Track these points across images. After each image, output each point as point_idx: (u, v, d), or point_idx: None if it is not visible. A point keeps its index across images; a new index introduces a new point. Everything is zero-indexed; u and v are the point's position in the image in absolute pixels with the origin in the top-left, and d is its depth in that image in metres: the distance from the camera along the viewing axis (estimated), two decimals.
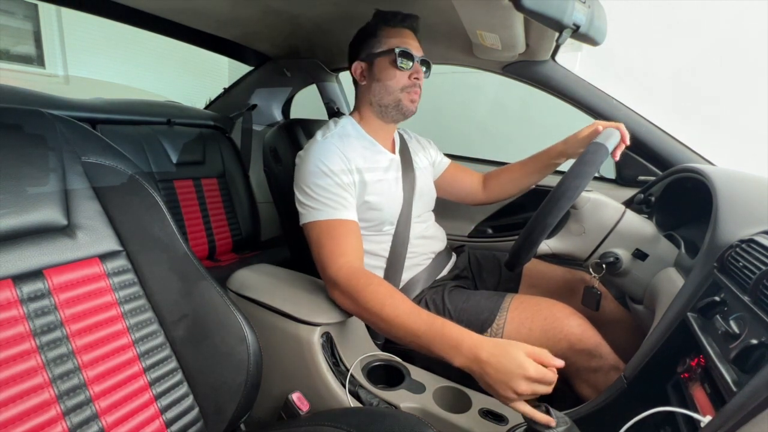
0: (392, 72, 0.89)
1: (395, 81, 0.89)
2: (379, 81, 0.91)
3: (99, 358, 0.53)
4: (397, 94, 0.90)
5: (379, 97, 0.92)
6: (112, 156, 0.61)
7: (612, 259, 0.82)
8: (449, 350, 0.62)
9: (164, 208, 0.63)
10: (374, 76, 0.91)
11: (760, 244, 0.51)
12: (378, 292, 0.71)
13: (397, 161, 0.98)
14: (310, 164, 0.84)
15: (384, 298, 0.70)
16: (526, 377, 0.54)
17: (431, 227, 1.05)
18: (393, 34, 0.90)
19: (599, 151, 0.74)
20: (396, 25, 0.90)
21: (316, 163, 0.83)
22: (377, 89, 0.91)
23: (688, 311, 0.56)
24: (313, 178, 0.83)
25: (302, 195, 0.84)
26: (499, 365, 0.56)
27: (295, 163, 0.90)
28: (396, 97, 0.90)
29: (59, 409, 0.48)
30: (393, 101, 0.91)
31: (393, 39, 0.89)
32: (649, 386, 0.58)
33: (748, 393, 0.37)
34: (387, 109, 0.92)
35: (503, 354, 0.57)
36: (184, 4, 1.09)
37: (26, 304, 0.48)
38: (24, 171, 0.51)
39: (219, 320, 0.62)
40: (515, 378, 0.54)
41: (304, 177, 0.84)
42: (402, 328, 0.67)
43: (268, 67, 1.59)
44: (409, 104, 0.92)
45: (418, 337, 0.65)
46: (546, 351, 0.57)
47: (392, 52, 0.87)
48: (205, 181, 1.53)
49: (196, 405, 0.61)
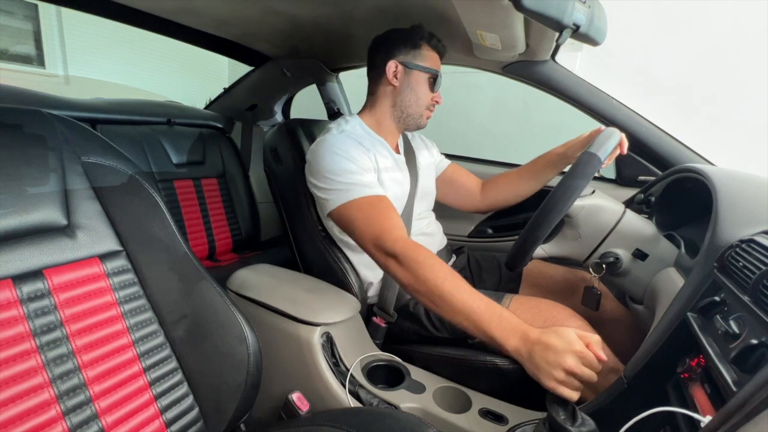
0: (426, 89, 0.96)
1: (425, 97, 0.96)
2: (412, 90, 0.95)
3: (99, 358, 0.53)
4: (422, 109, 0.97)
5: (407, 104, 0.96)
6: (112, 156, 0.61)
7: (612, 259, 0.82)
8: (505, 332, 0.62)
9: (164, 208, 0.63)
10: (410, 84, 0.95)
11: (760, 244, 0.51)
12: (439, 266, 0.70)
13: (403, 161, 1.00)
14: (327, 154, 0.85)
15: (445, 273, 0.69)
16: (573, 352, 0.55)
17: (432, 224, 1.06)
18: (432, 56, 0.96)
19: (591, 162, 0.73)
20: (435, 48, 0.97)
21: (334, 151, 0.84)
22: (408, 96, 0.96)
23: (688, 311, 0.56)
24: (334, 165, 0.83)
25: (326, 183, 0.84)
26: (549, 341, 0.57)
27: (307, 159, 0.90)
28: (420, 111, 0.97)
29: (59, 409, 0.48)
30: (416, 113, 0.97)
31: (433, 60, 0.96)
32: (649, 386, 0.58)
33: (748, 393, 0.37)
34: (409, 117, 0.98)
35: (553, 332, 0.58)
36: (184, 4, 1.09)
37: (26, 304, 0.48)
38: (24, 171, 0.51)
39: (219, 320, 0.62)
40: (563, 353, 0.55)
41: (323, 167, 0.84)
42: (460, 304, 0.66)
43: (268, 67, 1.59)
44: (425, 121, 1.00)
45: (476, 315, 0.64)
46: (597, 336, 0.58)
47: (434, 73, 0.95)
48: (205, 181, 1.53)
49: (196, 405, 0.61)
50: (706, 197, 0.70)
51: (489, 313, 0.64)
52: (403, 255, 0.72)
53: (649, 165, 1.15)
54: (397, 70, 0.94)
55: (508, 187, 1.09)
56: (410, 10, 0.97)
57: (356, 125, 0.96)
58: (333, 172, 0.83)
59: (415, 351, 0.88)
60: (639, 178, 1.17)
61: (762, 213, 0.62)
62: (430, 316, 0.89)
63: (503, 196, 1.10)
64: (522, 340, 0.60)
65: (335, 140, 0.87)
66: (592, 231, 0.85)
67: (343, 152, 0.84)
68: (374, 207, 0.80)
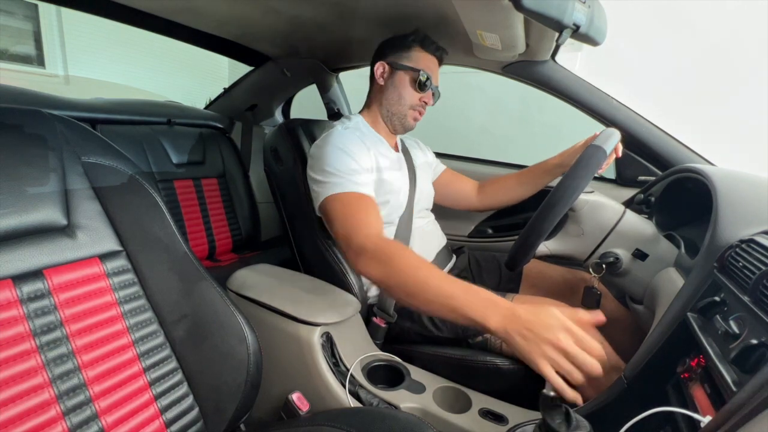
0: (410, 88, 0.96)
1: (409, 97, 0.96)
2: (395, 89, 0.96)
3: (99, 358, 0.53)
4: (405, 109, 0.97)
5: (391, 102, 0.98)
6: (112, 156, 0.61)
7: (612, 259, 0.82)
8: (486, 309, 0.58)
9: (164, 208, 0.63)
10: (393, 83, 0.96)
11: (760, 244, 0.51)
12: (412, 257, 0.70)
13: (402, 159, 1.02)
14: (329, 148, 0.85)
15: (418, 262, 0.68)
16: (565, 328, 0.51)
17: (431, 224, 1.08)
18: (424, 57, 0.96)
19: (596, 155, 0.74)
20: (428, 51, 0.97)
21: (336, 145, 0.86)
22: (391, 95, 0.97)
23: (688, 311, 0.56)
24: (333, 158, 0.84)
25: (321, 175, 0.85)
26: (537, 319, 0.53)
27: (310, 154, 0.91)
28: (404, 111, 0.97)
29: (59, 409, 0.48)
30: (400, 112, 0.98)
31: (422, 61, 0.96)
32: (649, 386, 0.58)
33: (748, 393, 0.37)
34: (394, 116, 0.98)
35: (540, 309, 0.55)
36: (184, 4, 1.09)
37: (26, 304, 0.48)
38: (24, 171, 0.51)
39: (219, 320, 0.62)
40: (554, 329, 0.51)
41: (324, 161, 0.85)
42: (437, 290, 0.63)
43: (268, 67, 1.59)
44: (411, 122, 0.99)
45: (453, 299, 0.61)
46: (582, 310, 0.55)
47: (417, 72, 0.94)
48: (205, 181, 1.53)
49: (196, 405, 0.61)
50: (706, 197, 0.70)
51: (468, 294, 0.61)
52: (375, 250, 0.71)
53: (648, 165, 1.15)
54: (384, 70, 0.97)
55: (504, 190, 1.12)
56: (410, 10, 0.97)
57: (359, 122, 0.98)
58: (332, 165, 0.83)
59: (415, 351, 0.88)
60: (639, 178, 1.17)
61: (762, 213, 0.62)
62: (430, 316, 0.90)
63: (499, 199, 1.13)
64: (507, 316, 0.56)
65: (340, 136, 0.88)
66: (595, 228, 0.85)
67: (346, 148, 0.85)
68: (354, 204, 0.80)
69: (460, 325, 0.85)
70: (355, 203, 0.80)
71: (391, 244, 0.73)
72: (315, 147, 0.90)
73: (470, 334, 0.84)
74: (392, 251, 0.70)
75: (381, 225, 0.81)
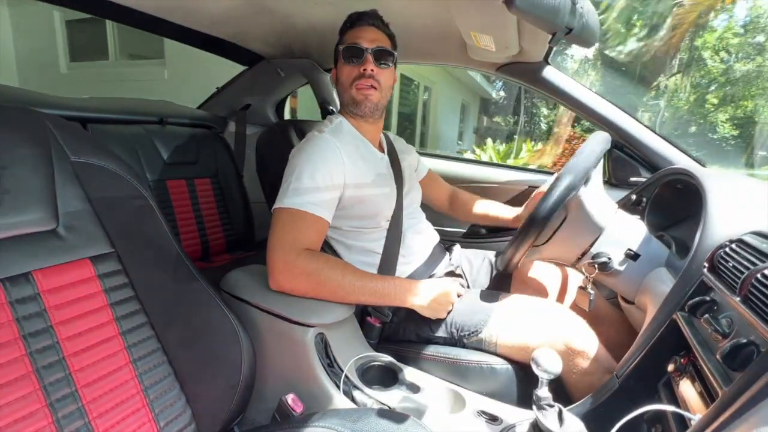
0: (343, 69, 0.91)
1: (345, 77, 0.91)
2: (338, 81, 0.94)
3: (91, 363, 0.52)
4: (349, 90, 0.91)
5: (340, 96, 0.95)
6: (102, 156, 0.60)
7: (604, 259, 0.82)
8: (405, 294, 0.81)
9: (156, 208, 0.62)
10: (337, 65, 0.94)
11: (748, 244, 0.52)
12: (337, 264, 0.79)
13: (387, 160, 1.00)
14: (302, 156, 0.84)
15: (343, 269, 0.79)
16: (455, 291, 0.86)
17: (422, 222, 1.06)
18: (351, 34, 0.91)
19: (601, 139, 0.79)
20: (354, 26, 0.91)
21: (310, 154, 0.84)
22: (339, 89, 0.95)
23: (678, 311, 0.57)
24: (300, 169, 0.82)
25: (285, 182, 0.83)
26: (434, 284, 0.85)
27: (290, 155, 0.89)
28: (349, 92, 0.91)
29: (50, 417, 0.47)
30: (348, 98, 0.92)
31: (349, 38, 0.90)
32: (641, 385, 0.59)
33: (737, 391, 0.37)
34: (348, 106, 0.94)
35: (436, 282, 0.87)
36: (177, 3, 1.08)
37: (14, 307, 0.47)
38: (11, 171, 0.50)
39: (212, 322, 0.61)
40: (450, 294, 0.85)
41: (291, 166, 0.84)
42: (363, 289, 0.78)
43: (262, 67, 1.58)
44: (361, 97, 0.90)
45: (379, 294, 0.79)
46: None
47: (339, 50, 0.91)
48: (198, 180, 1.51)
49: (189, 408, 0.60)
50: (697, 198, 0.71)
51: (389, 287, 0.80)
52: (306, 264, 0.76)
53: (640, 167, 1.16)
54: (334, 74, 0.96)
55: (466, 212, 1.21)
56: (403, 11, 0.97)
57: (342, 123, 0.94)
58: (296, 176, 0.81)
59: (410, 351, 0.88)
60: (630, 179, 1.18)
61: (751, 213, 0.63)
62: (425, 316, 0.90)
63: (465, 216, 1.23)
64: (416, 294, 0.81)
65: (315, 145, 0.85)
66: (585, 232, 0.86)
67: (317, 160, 0.82)
68: (302, 222, 0.79)
69: (454, 326, 0.85)
70: (305, 222, 0.80)
71: (319, 257, 0.79)
72: (294, 150, 0.88)
73: (465, 335, 0.84)
74: (320, 263, 0.77)
75: (318, 247, 0.84)
